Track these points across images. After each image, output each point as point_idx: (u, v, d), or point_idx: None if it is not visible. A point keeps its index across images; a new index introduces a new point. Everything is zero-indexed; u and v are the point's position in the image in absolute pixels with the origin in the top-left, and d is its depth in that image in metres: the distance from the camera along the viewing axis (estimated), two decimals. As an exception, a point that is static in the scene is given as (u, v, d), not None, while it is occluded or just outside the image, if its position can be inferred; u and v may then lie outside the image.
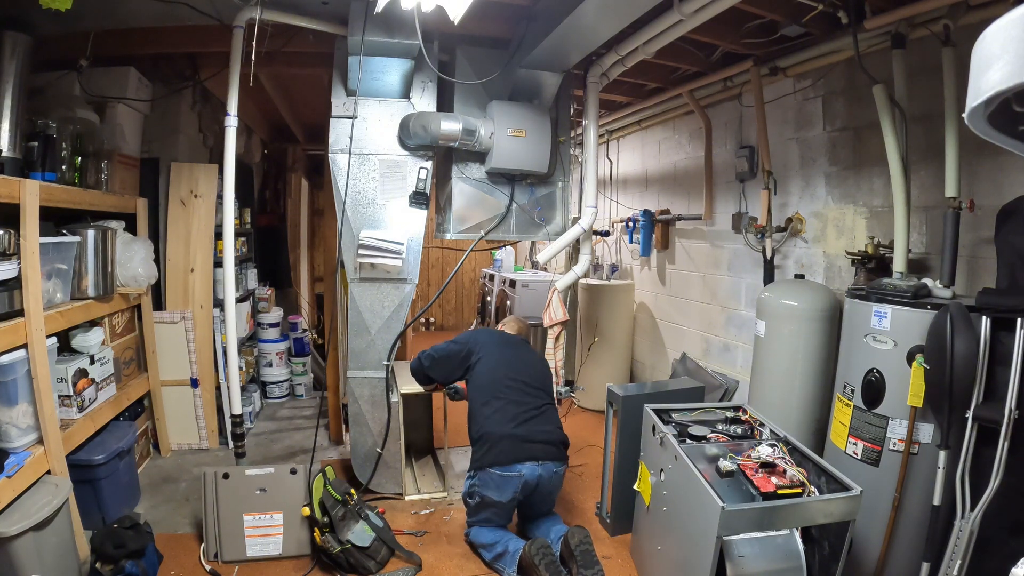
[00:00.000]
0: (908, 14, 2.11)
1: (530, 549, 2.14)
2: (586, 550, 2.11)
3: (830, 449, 2.18)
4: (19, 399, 1.92)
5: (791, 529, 1.85)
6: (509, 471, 2.24)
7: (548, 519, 2.41)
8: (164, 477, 2.91)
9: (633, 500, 2.38)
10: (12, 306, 1.88)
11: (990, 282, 1.90)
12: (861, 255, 2.42)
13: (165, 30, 2.75)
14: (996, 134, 0.64)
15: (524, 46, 2.56)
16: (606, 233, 4.65)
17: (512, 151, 2.74)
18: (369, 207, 2.74)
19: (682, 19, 2.25)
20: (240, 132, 2.67)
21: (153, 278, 2.83)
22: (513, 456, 2.25)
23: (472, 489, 2.35)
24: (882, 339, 1.95)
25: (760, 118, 2.98)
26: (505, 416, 2.32)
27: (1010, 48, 0.53)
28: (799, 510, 1.69)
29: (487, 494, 2.28)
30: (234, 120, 2.49)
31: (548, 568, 2.07)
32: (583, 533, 2.18)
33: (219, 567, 2.23)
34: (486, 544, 2.30)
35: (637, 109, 4.12)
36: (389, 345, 2.80)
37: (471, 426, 2.40)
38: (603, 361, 4.23)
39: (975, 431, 1.66)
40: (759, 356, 2.66)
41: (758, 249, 3.12)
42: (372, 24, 2.40)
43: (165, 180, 3.16)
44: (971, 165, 2.06)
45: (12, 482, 1.77)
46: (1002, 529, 1.62)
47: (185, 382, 3.18)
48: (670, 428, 2.10)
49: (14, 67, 2.12)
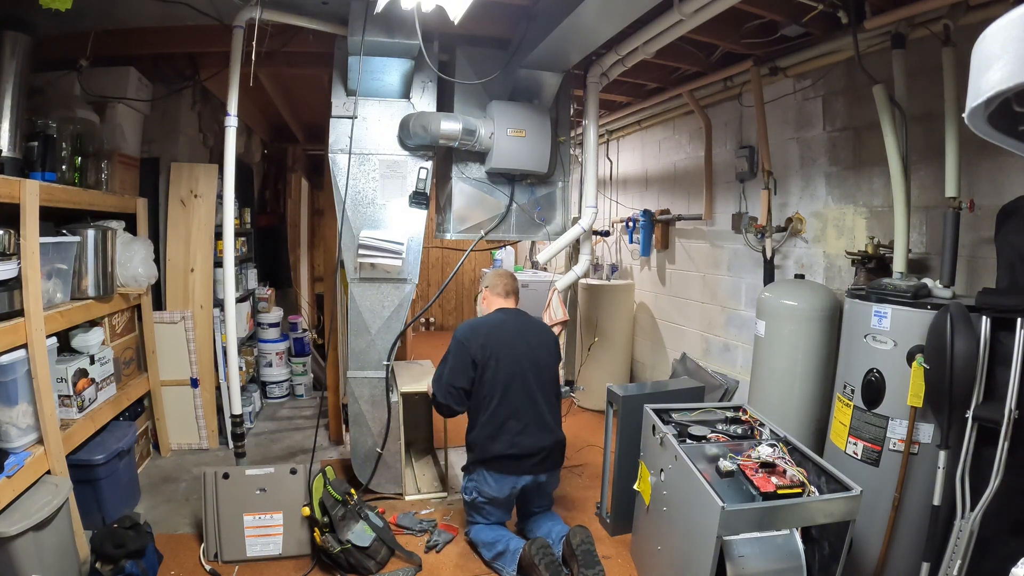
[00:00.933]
0: (908, 14, 2.11)
1: (530, 549, 2.13)
2: (587, 550, 2.11)
3: (830, 449, 2.18)
4: (19, 399, 1.92)
5: (791, 529, 1.85)
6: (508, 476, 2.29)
7: (548, 519, 2.41)
8: (164, 477, 2.91)
9: (633, 500, 2.38)
10: (12, 306, 1.88)
11: (990, 282, 1.90)
12: (861, 255, 2.42)
13: (165, 30, 2.75)
14: (996, 134, 0.64)
15: (524, 46, 2.56)
16: (606, 233, 4.66)
17: (512, 151, 2.74)
18: (369, 207, 2.74)
19: (682, 19, 2.25)
20: (240, 132, 2.67)
21: (153, 278, 2.83)
22: (513, 470, 2.29)
23: (470, 485, 2.36)
24: (882, 339, 1.95)
25: (760, 118, 2.98)
26: (503, 432, 2.26)
27: (1010, 48, 0.53)
28: (799, 510, 1.69)
29: (485, 490, 2.31)
30: (234, 120, 2.49)
31: (548, 568, 2.07)
32: (585, 533, 2.17)
33: (219, 567, 2.23)
34: (486, 543, 2.30)
35: (637, 109, 4.12)
36: (389, 345, 2.80)
37: (469, 430, 2.38)
38: (603, 361, 4.23)
39: (975, 431, 1.66)
40: (759, 356, 2.66)
41: (758, 249, 3.12)
42: (372, 24, 2.40)
43: (165, 180, 3.16)
44: (971, 165, 2.06)
45: (12, 482, 1.77)
46: (1002, 529, 1.62)
47: (185, 382, 3.18)
48: (670, 428, 2.10)
49: (14, 67, 2.12)
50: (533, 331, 2.46)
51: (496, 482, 2.29)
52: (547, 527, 2.34)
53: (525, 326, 2.46)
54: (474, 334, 2.34)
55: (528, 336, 2.41)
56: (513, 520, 2.52)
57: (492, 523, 2.38)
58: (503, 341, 2.34)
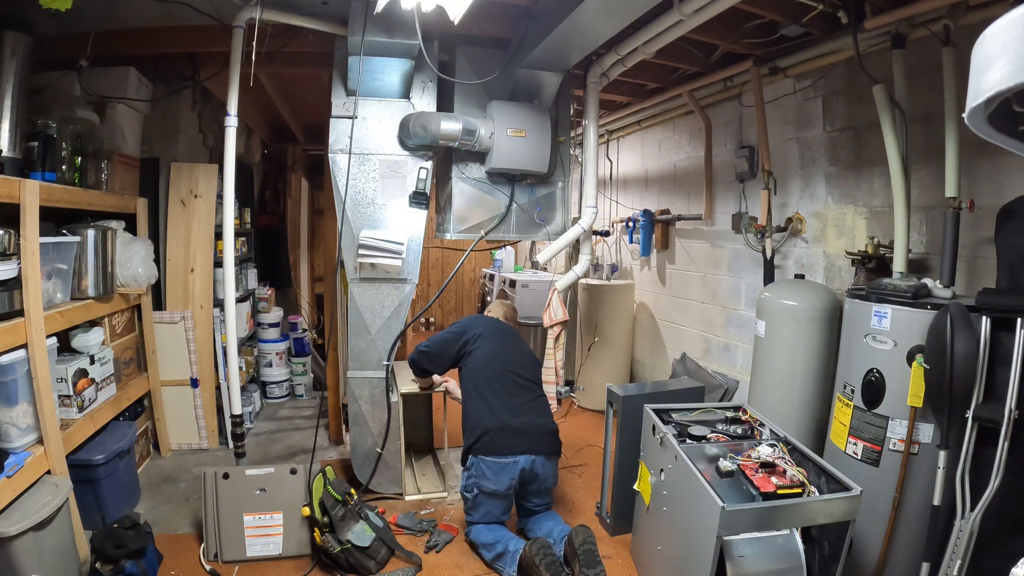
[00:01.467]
0: (908, 14, 2.11)
1: (531, 549, 2.14)
2: (589, 550, 2.10)
3: (830, 449, 2.18)
4: (19, 399, 1.92)
5: (791, 529, 1.85)
6: (504, 459, 2.29)
7: (548, 518, 2.41)
8: (164, 477, 2.91)
9: (633, 500, 2.38)
10: (12, 306, 1.88)
11: (990, 282, 1.90)
12: (861, 255, 2.42)
13: (165, 30, 2.75)
14: (996, 134, 0.64)
15: (524, 46, 2.56)
16: (606, 233, 4.65)
17: (512, 151, 2.74)
18: (369, 207, 2.74)
19: (682, 19, 2.25)
20: (240, 132, 2.67)
21: (153, 278, 2.83)
22: (508, 448, 2.30)
23: (469, 482, 2.37)
24: (882, 339, 1.95)
25: (760, 118, 2.98)
26: (501, 407, 2.38)
27: (1010, 48, 0.53)
28: (799, 510, 1.69)
29: (484, 484, 2.31)
30: (234, 120, 2.49)
31: (549, 568, 2.07)
32: (587, 533, 2.17)
33: (219, 567, 2.23)
34: (486, 544, 2.30)
35: (637, 109, 4.12)
36: (389, 345, 2.80)
37: (465, 415, 2.47)
38: (603, 361, 4.23)
39: (975, 431, 1.66)
40: (759, 356, 2.66)
41: (758, 249, 3.12)
42: (372, 24, 2.40)
43: (165, 180, 3.16)
44: (971, 165, 2.06)
45: (12, 482, 1.77)
46: (1002, 529, 1.62)
47: (185, 382, 3.18)
48: (670, 428, 2.10)
49: (14, 67, 2.12)
50: (522, 342, 2.75)
51: (494, 473, 2.29)
52: (548, 527, 2.34)
53: (517, 336, 2.75)
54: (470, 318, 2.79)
55: (519, 343, 2.70)
56: (513, 521, 2.52)
57: (492, 523, 2.37)
58: (496, 332, 2.65)
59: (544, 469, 2.36)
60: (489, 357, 2.52)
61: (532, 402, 2.47)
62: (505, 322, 2.82)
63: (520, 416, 2.38)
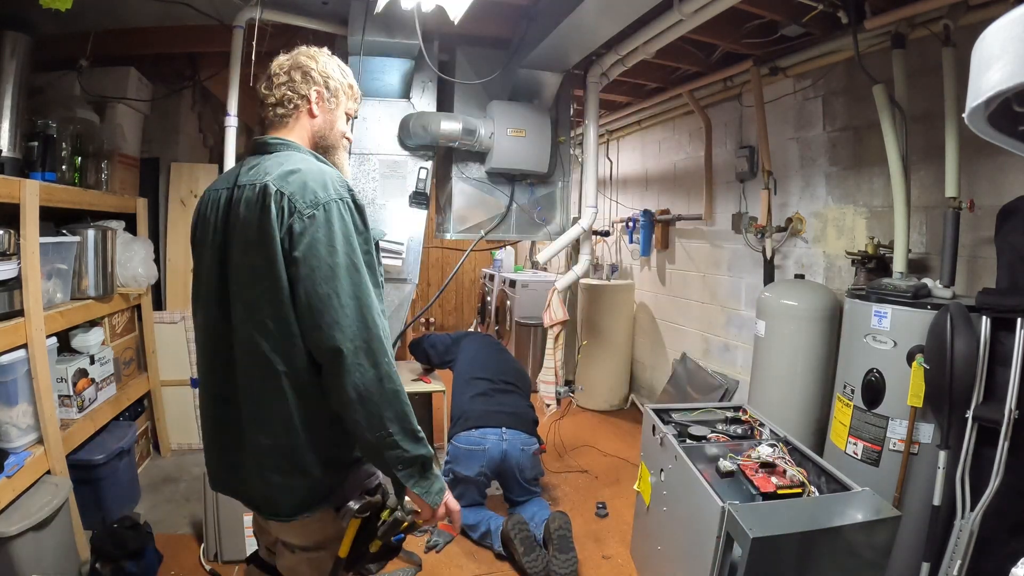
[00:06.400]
0: (908, 14, 2.11)
1: (507, 524, 2.28)
2: (563, 535, 2.22)
3: (830, 449, 2.18)
4: (19, 399, 1.92)
5: (791, 529, 1.85)
6: (474, 445, 2.41)
7: (534, 504, 2.52)
8: (164, 477, 2.91)
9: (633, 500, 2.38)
10: (12, 306, 1.88)
11: (990, 282, 1.90)
12: (861, 255, 2.42)
13: (165, 30, 2.75)
14: (996, 134, 0.64)
15: (524, 46, 2.56)
16: (606, 233, 4.65)
17: (512, 151, 2.74)
18: (369, 207, 2.71)
19: (682, 19, 2.25)
20: (240, 132, 2.67)
21: (153, 278, 2.83)
22: (479, 420, 2.46)
23: (446, 467, 2.51)
24: (882, 339, 1.95)
25: (760, 118, 2.98)
26: (478, 395, 2.61)
27: (1010, 48, 0.53)
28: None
29: (457, 469, 2.45)
30: (234, 120, 2.50)
31: (523, 542, 2.20)
32: (563, 519, 2.29)
33: (219, 567, 2.22)
34: (471, 525, 2.44)
35: (637, 109, 4.12)
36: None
37: (451, 407, 2.67)
38: (603, 361, 4.23)
39: (975, 431, 1.66)
40: (759, 356, 2.66)
41: (758, 249, 3.12)
42: (372, 24, 2.40)
43: (165, 180, 3.16)
44: (971, 165, 2.06)
45: (12, 482, 1.77)
46: (1002, 529, 1.62)
47: (185, 382, 3.18)
48: (670, 428, 2.10)
49: (14, 67, 2.12)
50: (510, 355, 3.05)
51: (465, 459, 2.42)
52: (531, 511, 2.45)
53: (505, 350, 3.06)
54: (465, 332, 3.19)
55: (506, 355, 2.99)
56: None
57: (472, 505, 2.49)
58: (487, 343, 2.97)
59: (518, 459, 2.44)
60: (481, 358, 2.81)
61: (511, 394, 2.66)
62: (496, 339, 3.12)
63: (495, 398, 2.59)
